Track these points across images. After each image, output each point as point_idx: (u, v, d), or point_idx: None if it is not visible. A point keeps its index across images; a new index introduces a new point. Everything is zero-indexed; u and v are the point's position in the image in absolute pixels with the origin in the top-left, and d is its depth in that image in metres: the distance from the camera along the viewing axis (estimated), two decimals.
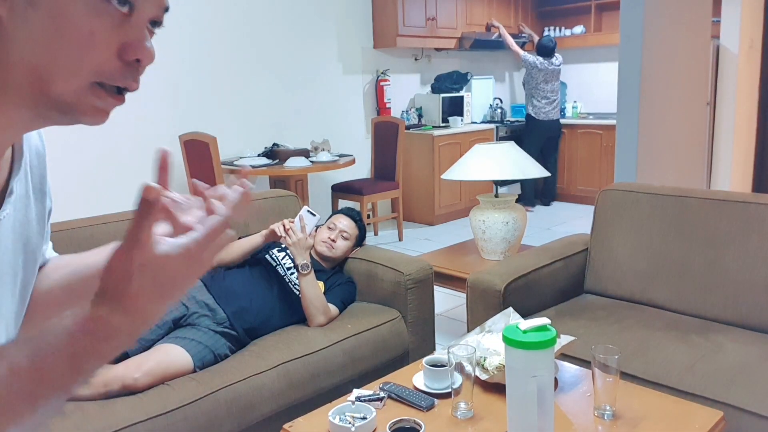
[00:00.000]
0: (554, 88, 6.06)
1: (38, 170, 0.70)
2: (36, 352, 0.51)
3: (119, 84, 0.56)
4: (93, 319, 0.52)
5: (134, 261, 0.51)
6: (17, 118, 0.57)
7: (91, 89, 0.55)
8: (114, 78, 0.56)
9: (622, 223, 2.45)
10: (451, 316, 3.51)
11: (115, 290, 0.52)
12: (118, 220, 2.21)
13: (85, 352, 0.52)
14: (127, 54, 0.55)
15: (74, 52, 0.53)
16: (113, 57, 0.55)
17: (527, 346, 1.30)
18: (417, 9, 5.56)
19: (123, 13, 0.54)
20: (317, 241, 2.46)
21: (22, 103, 0.55)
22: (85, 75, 0.54)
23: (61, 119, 0.57)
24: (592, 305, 2.36)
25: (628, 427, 1.44)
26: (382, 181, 5.14)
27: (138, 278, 0.51)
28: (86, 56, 0.53)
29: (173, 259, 0.52)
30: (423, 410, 1.53)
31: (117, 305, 0.51)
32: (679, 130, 3.84)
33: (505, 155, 2.99)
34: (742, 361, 1.85)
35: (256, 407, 1.90)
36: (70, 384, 0.52)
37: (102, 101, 0.56)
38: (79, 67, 0.54)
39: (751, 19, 4.86)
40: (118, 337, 0.52)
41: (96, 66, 0.54)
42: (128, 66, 0.56)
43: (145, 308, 0.52)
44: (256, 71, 4.78)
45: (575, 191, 6.46)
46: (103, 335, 0.52)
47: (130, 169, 4.17)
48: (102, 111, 0.57)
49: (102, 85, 0.55)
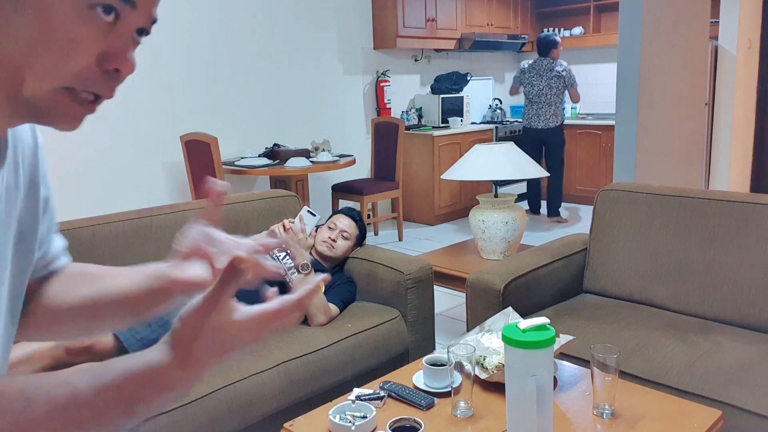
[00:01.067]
0: (541, 90, 5.45)
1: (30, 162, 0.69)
2: (99, 386, 0.53)
3: (95, 91, 0.55)
4: (159, 369, 0.54)
5: (208, 323, 0.53)
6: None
7: (62, 95, 0.54)
8: (90, 85, 0.55)
9: (621, 223, 2.45)
10: (451, 315, 3.52)
11: (183, 347, 0.54)
12: (119, 220, 2.22)
13: (141, 398, 0.53)
14: (108, 63, 0.55)
15: (54, 57, 0.52)
16: (92, 64, 0.54)
17: (527, 345, 1.31)
18: (417, 10, 5.57)
19: (108, 22, 0.54)
20: (318, 240, 2.47)
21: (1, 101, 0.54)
22: (61, 80, 0.53)
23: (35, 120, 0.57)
24: (591, 305, 2.36)
25: (627, 426, 1.45)
26: (382, 181, 5.15)
27: (207, 340, 0.53)
28: (65, 61, 0.53)
29: (242, 326, 0.55)
30: (423, 409, 1.54)
31: (181, 362, 0.54)
32: (677, 130, 3.85)
33: (504, 155, 3.00)
34: (741, 360, 1.86)
35: (256, 406, 1.91)
36: (120, 424, 0.54)
37: (73, 109, 0.55)
38: (56, 72, 0.53)
39: (749, 20, 4.87)
40: (173, 390, 0.55)
41: (74, 72, 0.53)
42: (107, 75, 0.55)
43: (203, 368, 0.55)
44: (257, 72, 4.79)
45: (574, 191, 6.47)
46: (161, 387, 0.54)
47: (132, 169, 4.17)
48: (74, 118, 0.56)
49: (73, 91, 0.54)
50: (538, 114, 5.49)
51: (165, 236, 2.32)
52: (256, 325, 0.55)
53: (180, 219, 2.38)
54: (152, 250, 2.27)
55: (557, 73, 5.39)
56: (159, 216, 2.34)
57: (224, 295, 0.53)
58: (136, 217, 2.28)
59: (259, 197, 2.66)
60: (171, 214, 2.38)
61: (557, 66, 5.42)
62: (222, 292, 0.53)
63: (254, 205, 2.60)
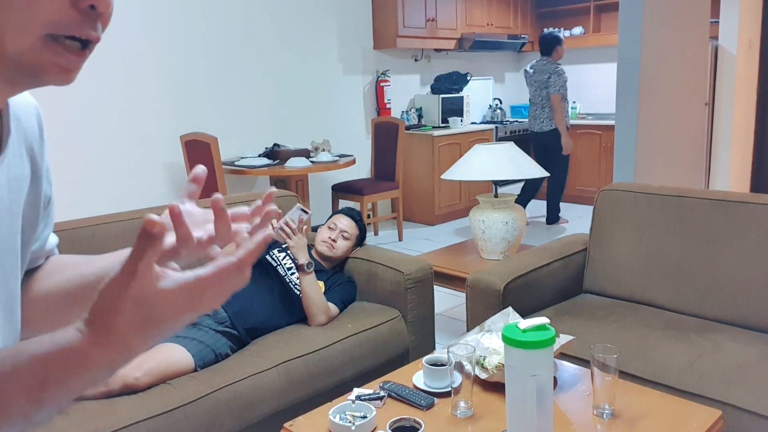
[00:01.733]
0: (533, 94, 5.31)
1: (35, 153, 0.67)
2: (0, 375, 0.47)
3: (76, 34, 0.52)
4: (70, 350, 0.48)
5: (127, 295, 0.47)
6: None
7: (46, 45, 0.51)
8: (69, 28, 0.52)
9: (621, 223, 2.45)
10: (451, 315, 3.52)
11: (101, 322, 0.48)
12: (119, 220, 2.21)
13: (51, 383, 0.48)
14: (80, 1, 0.52)
15: (21, 4, 0.50)
16: (66, 6, 0.51)
17: (526, 345, 1.31)
18: (417, 10, 5.57)
19: None
20: (318, 241, 2.47)
21: None
22: (37, 28, 0.50)
23: (26, 82, 0.55)
24: (591, 305, 2.36)
25: (627, 426, 1.45)
26: (382, 181, 5.15)
27: (129, 312, 0.47)
28: (36, 7, 0.50)
29: (171, 295, 0.48)
30: (423, 409, 1.54)
31: (99, 339, 0.48)
32: (677, 130, 3.85)
33: (504, 155, 3.00)
34: (741, 360, 1.86)
35: (256, 406, 1.91)
36: (29, 413, 0.48)
37: (62, 58, 0.53)
38: (28, 21, 0.50)
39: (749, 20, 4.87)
40: (93, 371, 0.49)
41: (47, 17, 0.50)
42: (84, 15, 0.52)
43: (129, 343, 0.49)
44: (257, 72, 4.79)
45: (574, 191, 6.47)
46: (76, 368, 0.48)
47: (132, 169, 4.17)
48: (64, 69, 0.54)
49: (58, 38, 0.52)
50: (534, 117, 5.37)
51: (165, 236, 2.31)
52: (188, 293, 0.48)
53: None
54: None
55: (544, 76, 5.18)
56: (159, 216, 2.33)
57: (142, 263, 0.47)
58: (136, 217, 2.27)
59: (259, 197, 2.65)
60: None
61: (547, 67, 5.20)
62: (138, 258, 0.47)
63: None
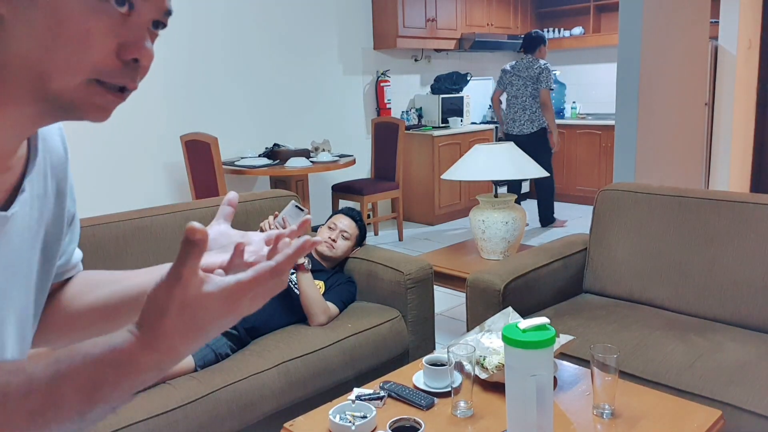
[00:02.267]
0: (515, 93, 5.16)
1: (59, 173, 0.70)
2: (55, 373, 0.50)
3: (118, 83, 0.57)
4: (121, 351, 0.51)
5: (174, 298, 0.50)
6: (21, 114, 0.57)
7: (89, 87, 0.55)
8: (112, 76, 0.56)
9: (621, 223, 2.45)
10: (451, 315, 3.52)
11: (150, 325, 0.51)
12: (119, 220, 2.21)
13: (104, 383, 0.50)
14: (125, 53, 0.56)
15: (71, 50, 0.53)
16: (111, 56, 0.55)
17: (526, 345, 1.31)
18: (417, 10, 5.57)
19: (122, 13, 0.55)
20: None
21: (24, 100, 0.56)
22: (83, 73, 0.54)
23: (64, 116, 0.58)
24: (591, 305, 2.37)
25: (627, 426, 1.45)
26: (383, 181, 5.15)
27: (175, 315, 0.50)
28: (83, 54, 0.54)
29: (215, 299, 0.51)
30: (423, 409, 1.54)
31: (149, 341, 0.51)
32: (677, 130, 3.86)
33: (504, 155, 3.00)
34: (741, 360, 1.86)
35: (256, 406, 1.91)
36: (83, 412, 0.51)
37: (102, 99, 0.57)
38: (76, 65, 0.54)
39: (749, 20, 4.87)
40: (144, 373, 0.52)
41: (93, 64, 0.55)
42: (127, 65, 0.56)
43: (176, 345, 0.52)
44: (257, 72, 4.79)
45: (574, 191, 6.47)
46: (127, 369, 0.51)
47: (132, 169, 4.18)
48: (103, 108, 0.58)
49: (101, 83, 0.56)
50: (514, 119, 5.17)
51: (165, 236, 2.32)
52: (229, 296, 0.51)
53: (180, 219, 2.38)
54: (152, 250, 2.27)
55: (534, 72, 5.02)
56: (159, 216, 2.34)
57: (186, 268, 0.50)
58: (136, 217, 2.28)
59: (259, 197, 2.66)
60: (171, 214, 2.38)
61: (535, 64, 5.04)
62: (183, 264, 0.50)
63: (254, 205, 2.60)
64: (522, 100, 5.11)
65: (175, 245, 2.32)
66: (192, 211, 2.44)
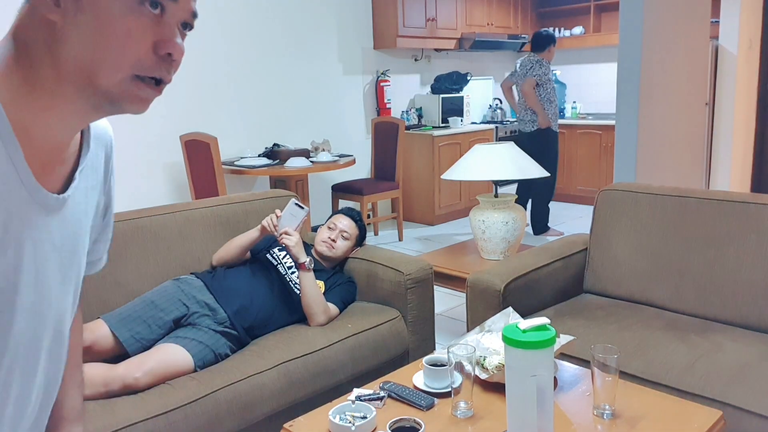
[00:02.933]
0: (518, 94, 5.17)
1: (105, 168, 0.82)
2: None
3: (155, 75, 0.66)
4: None
5: None
6: (74, 109, 0.66)
7: (131, 82, 0.65)
8: (151, 70, 0.65)
9: (622, 223, 2.45)
10: (451, 315, 3.52)
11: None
12: (119, 220, 2.21)
13: None
14: (161, 49, 0.65)
15: (116, 48, 0.63)
16: (149, 52, 0.65)
17: (527, 345, 1.30)
18: (417, 10, 5.57)
19: (155, 15, 0.64)
20: (317, 241, 2.47)
21: (77, 96, 0.65)
22: (126, 68, 0.64)
23: (109, 109, 0.68)
24: (592, 305, 2.36)
25: (627, 427, 1.45)
26: (382, 181, 5.15)
27: None
28: (126, 51, 0.63)
29: None
30: (423, 409, 1.54)
31: None
32: (678, 130, 3.85)
33: (504, 155, 3.00)
34: (742, 360, 1.86)
35: (256, 406, 1.91)
36: None
37: (142, 91, 0.66)
38: (120, 62, 0.63)
39: (750, 19, 4.87)
40: None
41: (135, 60, 0.64)
42: (162, 60, 0.66)
43: None
44: (257, 71, 4.79)
45: (574, 191, 6.47)
46: None
47: (132, 169, 4.17)
48: (144, 100, 0.67)
49: (141, 77, 0.65)
50: (521, 118, 5.17)
51: (165, 236, 2.32)
52: None
53: (180, 219, 2.38)
54: (152, 250, 2.27)
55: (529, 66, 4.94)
56: (159, 216, 2.33)
57: None
58: (136, 217, 2.27)
59: (259, 197, 2.66)
60: (171, 214, 2.37)
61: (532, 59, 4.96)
62: None
63: (254, 205, 2.59)
64: (524, 100, 5.09)
65: (175, 245, 2.32)
66: (192, 211, 2.44)
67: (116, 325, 1.96)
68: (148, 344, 1.97)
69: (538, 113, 4.98)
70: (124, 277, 2.18)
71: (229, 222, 2.50)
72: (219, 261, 2.37)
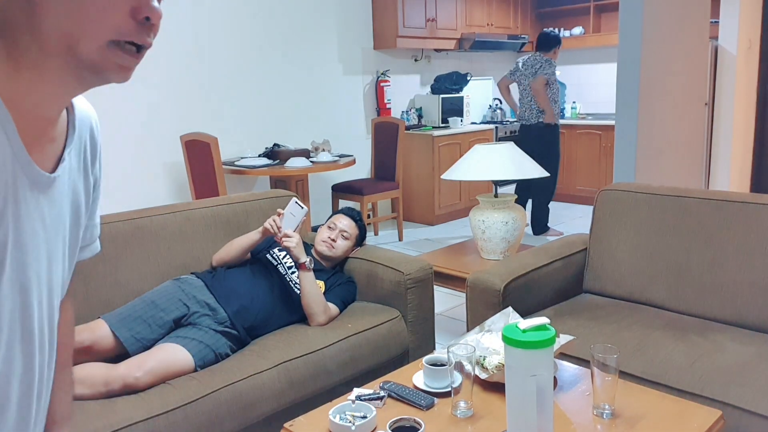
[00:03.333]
0: (521, 92, 5.18)
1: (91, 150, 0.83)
2: None
3: (135, 40, 0.66)
4: None
5: None
6: (60, 83, 0.67)
7: (110, 49, 0.65)
8: (130, 35, 0.66)
9: (621, 223, 2.45)
10: (451, 315, 3.52)
11: None
12: (119, 220, 2.22)
13: None
14: (139, 14, 0.65)
15: (94, 17, 0.64)
16: (127, 17, 0.65)
17: (527, 345, 1.31)
18: (417, 10, 5.57)
19: None
20: (317, 240, 2.47)
21: (61, 69, 0.65)
22: (104, 34, 0.64)
23: (93, 80, 0.68)
24: (591, 305, 2.36)
25: (627, 426, 1.45)
26: (382, 181, 5.15)
27: None
28: (104, 19, 0.64)
29: None
30: (423, 409, 1.54)
31: None
32: (677, 130, 3.86)
33: (504, 155, 3.00)
34: (741, 360, 1.86)
35: (256, 406, 1.91)
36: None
37: (123, 59, 0.67)
38: (99, 30, 0.64)
39: (749, 20, 4.88)
40: None
41: (113, 27, 0.64)
42: (141, 25, 0.66)
43: None
44: (257, 72, 4.79)
45: (574, 191, 6.47)
46: None
47: (132, 169, 4.17)
48: (125, 68, 0.68)
49: (120, 44, 0.65)
50: (519, 115, 5.22)
51: (165, 236, 2.32)
52: None
53: (180, 219, 2.38)
54: (152, 250, 2.27)
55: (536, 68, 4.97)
56: (159, 216, 2.34)
57: None
58: (136, 217, 2.28)
59: (259, 197, 2.66)
60: (171, 214, 2.38)
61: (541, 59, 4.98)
62: None
63: (254, 205, 2.60)
64: (527, 99, 5.10)
65: (175, 245, 2.32)
66: (192, 211, 2.44)
67: (117, 325, 1.97)
68: (149, 344, 1.97)
69: (547, 111, 4.99)
70: (124, 277, 2.18)
71: (230, 222, 2.50)
72: (219, 262, 2.37)
